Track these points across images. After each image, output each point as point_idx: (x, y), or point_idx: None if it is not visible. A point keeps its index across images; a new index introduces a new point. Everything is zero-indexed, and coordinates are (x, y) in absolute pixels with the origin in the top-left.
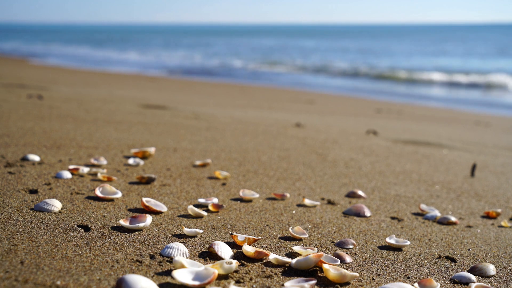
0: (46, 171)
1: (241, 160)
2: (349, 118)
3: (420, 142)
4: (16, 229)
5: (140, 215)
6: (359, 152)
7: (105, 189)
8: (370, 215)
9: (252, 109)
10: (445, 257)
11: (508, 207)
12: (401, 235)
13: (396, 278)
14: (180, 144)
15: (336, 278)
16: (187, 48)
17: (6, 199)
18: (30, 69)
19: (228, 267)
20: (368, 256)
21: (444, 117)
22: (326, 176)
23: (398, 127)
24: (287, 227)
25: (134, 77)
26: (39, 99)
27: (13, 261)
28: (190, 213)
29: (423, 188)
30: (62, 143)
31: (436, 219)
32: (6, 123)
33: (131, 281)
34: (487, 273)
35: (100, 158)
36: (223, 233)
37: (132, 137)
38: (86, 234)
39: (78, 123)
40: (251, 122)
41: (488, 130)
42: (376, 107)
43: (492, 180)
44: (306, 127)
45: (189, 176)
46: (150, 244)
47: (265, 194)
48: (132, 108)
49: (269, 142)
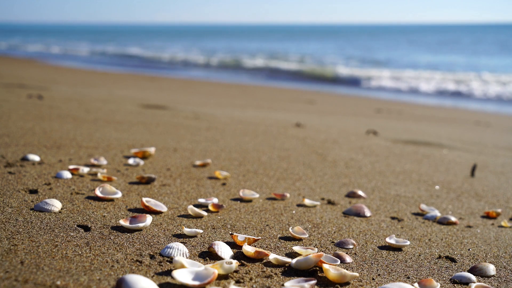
0: (46, 171)
1: (241, 160)
2: (349, 118)
3: (420, 142)
4: (16, 229)
5: (140, 215)
6: (359, 152)
7: (105, 189)
8: (370, 215)
9: (252, 109)
10: (445, 257)
11: (508, 207)
12: (401, 235)
13: (396, 278)
14: (180, 144)
15: (336, 278)
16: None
17: (6, 199)
18: (30, 69)
19: (228, 267)
20: (368, 256)
21: (444, 117)
22: (326, 176)
23: (398, 127)
24: (287, 227)
25: (134, 77)
26: (39, 99)
27: (13, 261)
28: (190, 213)
29: (423, 188)
30: (62, 143)
31: (436, 219)
32: (6, 123)
33: (131, 281)
34: (487, 273)
35: (100, 158)
36: (223, 233)
37: (132, 137)
38: (86, 234)
39: (78, 123)
40: (251, 122)
41: (488, 130)
42: (376, 107)
43: (492, 180)
44: (306, 127)
45: (189, 176)
46: (150, 244)
47: (265, 194)
48: (132, 108)
49: (269, 142)
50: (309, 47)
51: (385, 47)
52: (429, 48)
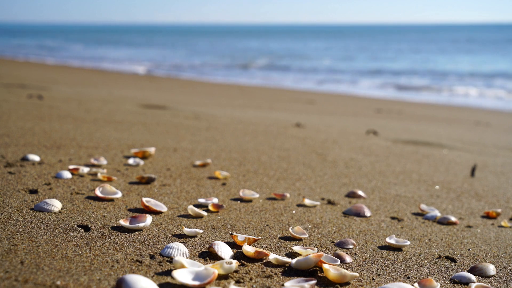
0: (46, 171)
1: (241, 160)
2: (349, 118)
3: (420, 142)
4: (16, 229)
5: (140, 215)
6: (359, 152)
7: (105, 189)
8: (370, 215)
9: (252, 109)
10: (445, 257)
11: (508, 207)
12: (401, 235)
13: (396, 278)
14: (180, 144)
15: (336, 278)
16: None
17: (6, 199)
18: (30, 69)
19: (228, 267)
20: (368, 256)
21: (444, 117)
22: (326, 176)
23: (398, 127)
24: (287, 227)
25: (134, 77)
26: (39, 99)
27: (13, 261)
28: (190, 213)
29: (423, 188)
30: (62, 143)
31: (436, 219)
32: (6, 123)
33: (131, 281)
34: (487, 273)
35: (100, 158)
36: (223, 233)
37: (132, 137)
38: (86, 234)
39: (78, 123)
40: (251, 122)
41: (488, 130)
42: (376, 107)
43: (492, 180)
44: (306, 127)
45: (189, 176)
46: (150, 244)
47: (265, 194)
48: (132, 108)
49: (269, 142)
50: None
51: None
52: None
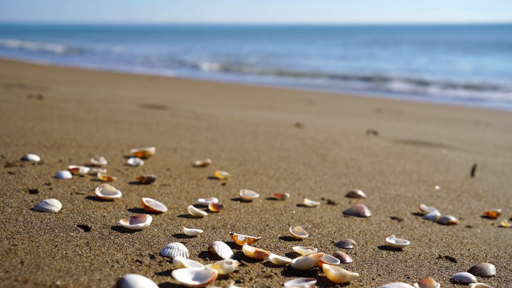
0: (46, 171)
1: (241, 160)
2: (349, 118)
3: (420, 142)
4: (16, 229)
5: (140, 215)
6: (359, 152)
7: (105, 189)
8: (370, 215)
9: (252, 109)
10: (445, 257)
11: (508, 207)
12: (401, 235)
13: (396, 278)
14: (180, 144)
15: (336, 278)
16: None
17: (6, 199)
18: (30, 69)
19: (228, 267)
20: (368, 256)
21: (444, 117)
22: (326, 176)
23: (398, 127)
24: (287, 227)
25: (134, 77)
26: (39, 99)
27: (13, 261)
28: (190, 213)
29: (423, 188)
30: (62, 143)
31: (436, 219)
32: (6, 123)
33: (131, 281)
34: (487, 273)
35: (100, 158)
36: (223, 233)
37: (132, 137)
38: (86, 234)
39: (78, 123)
40: (251, 122)
41: (488, 130)
42: (376, 107)
43: (492, 180)
44: (306, 127)
45: (189, 176)
46: (150, 244)
47: (265, 194)
48: (132, 108)
49: (269, 142)
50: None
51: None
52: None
